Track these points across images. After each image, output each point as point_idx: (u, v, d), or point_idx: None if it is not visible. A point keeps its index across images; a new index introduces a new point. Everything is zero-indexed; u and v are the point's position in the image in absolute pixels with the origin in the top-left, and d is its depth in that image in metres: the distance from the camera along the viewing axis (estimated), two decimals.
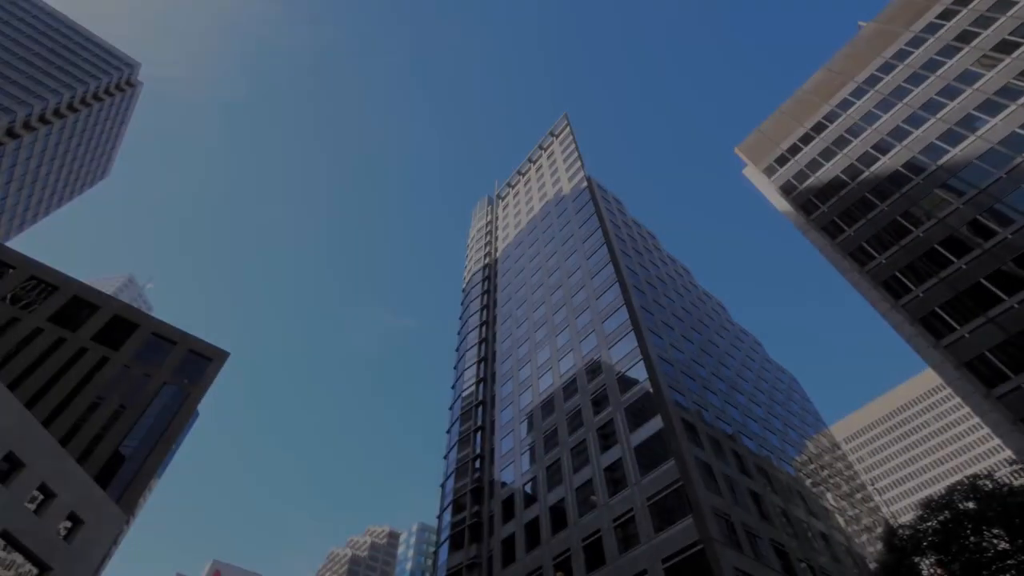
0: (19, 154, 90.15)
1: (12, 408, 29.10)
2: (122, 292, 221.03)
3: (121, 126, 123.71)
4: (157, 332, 51.83)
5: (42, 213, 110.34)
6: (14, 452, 28.13)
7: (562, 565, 39.22)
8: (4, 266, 47.93)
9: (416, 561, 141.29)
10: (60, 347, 45.33)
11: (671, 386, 43.79)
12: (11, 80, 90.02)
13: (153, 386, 47.50)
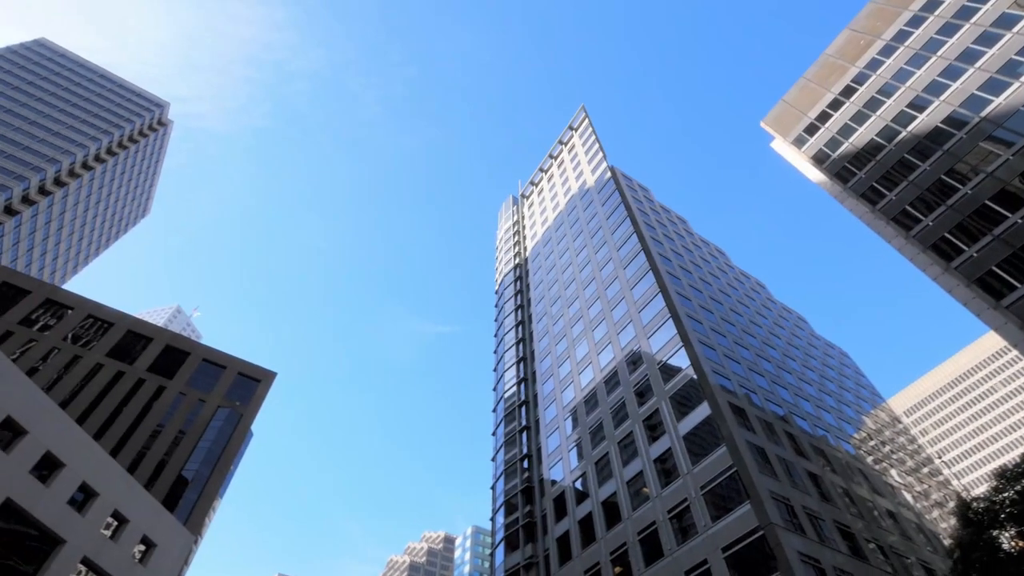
0: (67, 201, 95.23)
1: (82, 441, 30.70)
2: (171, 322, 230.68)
3: (156, 164, 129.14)
4: (207, 358, 53.85)
5: (93, 254, 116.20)
6: (87, 482, 29.67)
7: (619, 560, 38.86)
8: (63, 308, 50.63)
9: (473, 563, 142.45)
10: (120, 380, 47.59)
11: (715, 371, 42.86)
12: (53, 132, 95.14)
13: (208, 410, 49.36)
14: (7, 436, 26.68)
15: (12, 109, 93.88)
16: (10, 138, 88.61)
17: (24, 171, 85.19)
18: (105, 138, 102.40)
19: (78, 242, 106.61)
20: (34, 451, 27.42)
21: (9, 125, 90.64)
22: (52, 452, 28.26)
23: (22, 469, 26.57)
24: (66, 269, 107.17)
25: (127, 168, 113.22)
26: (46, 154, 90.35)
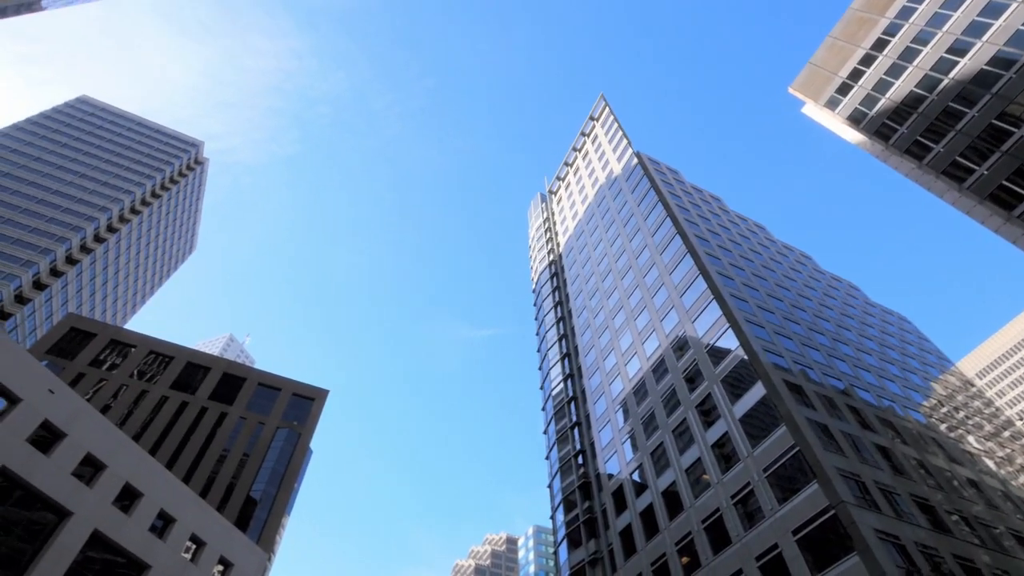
0: (120, 246, 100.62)
1: (156, 471, 32.34)
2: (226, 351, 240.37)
3: (197, 201, 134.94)
4: (262, 382, 55.85)
5: (148, 293, 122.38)
6: (165, 509, 31.23)
7: (686, 549, 38.15)
8: (127, 346, 53.48)
9: (537, 563, 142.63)
10: (184, 410, 49.90)
11: (766, 349, 41.56)
12: (102, 182, 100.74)
13: (268, 432, 51.16)
14: (89, 472, 28.35)
15: (63, 165, 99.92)
16: (65, 192, 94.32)
17: (80, 222, 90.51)
18: (148, 182, 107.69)
19: (134, 283, 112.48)
20: (114, 484, 29.03)
21: (62, 180, 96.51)
22: (131, 483, 29.86)
23: (106, 501, 28.18)
24: (126, 310, 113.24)
25: (171, 208, 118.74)
26: (97, 203, 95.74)
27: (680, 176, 79.22)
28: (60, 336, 51.60)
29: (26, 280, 78.67)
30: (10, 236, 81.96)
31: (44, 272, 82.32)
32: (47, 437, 26.93)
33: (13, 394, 25.85)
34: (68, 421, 27.91)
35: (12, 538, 24.24)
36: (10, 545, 24.02)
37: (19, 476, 24.74)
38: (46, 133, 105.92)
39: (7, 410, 25.52)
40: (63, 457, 27.02)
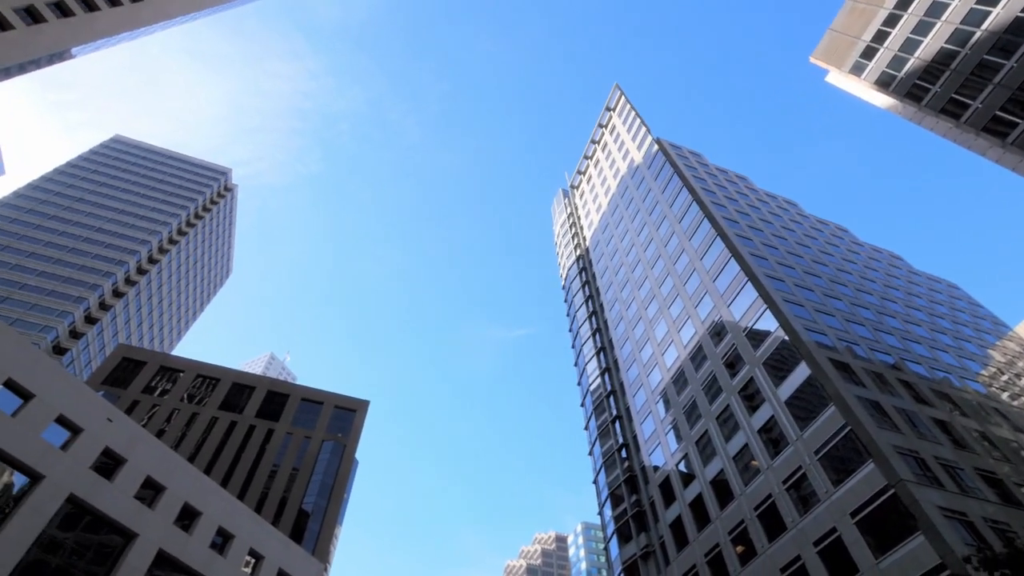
0: (162, 276, 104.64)
1: (212, 489, 33.46)
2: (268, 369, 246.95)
3: (230, 227, 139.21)
4: (305, 397, 57.20)
5: (191, 319, 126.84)
6: (223, 526, 32.28)
7: (740, 538, 37.34)
8: (175, 372, 55.52)
9: (589, 560, 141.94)
10: (234, 429, 51.49)
11: (808, 328, 40.35)
12: (140, 216, 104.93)
13: (314, 445, 52.35)
14: (150, 494, 29.53)
15: (104, 203, 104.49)
16: (107, 229, 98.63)
17: (123, 256, 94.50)
18: (183, 212, 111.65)
19: (177, 310, 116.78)
20: (174, 504, 30.16)
21: (104, 218, 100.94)
22: (189, 503, 30.97)
23: (167, 521, 29.30)
24: (172, 337, 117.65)
25: (206, 236, 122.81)
26: (138, 237, 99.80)
27: (703, 159, 77.68)
28: (113, 366, 53.93)
29: (78, 316, 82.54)
30: (61, 275, 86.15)
31: (94, 307, 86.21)
32: (109, 463, 28.16)
33: (75, 424, 27.12)
34: (127, 447, 29.12)
35: (84, 561, 25.44)
36: (83, 568, 25.21)
37: (86, 502, 25.95)
38: (85, 174, 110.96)
39: (71, 440, 26.80)
40: (125, 481, 28.21)
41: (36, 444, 25.08)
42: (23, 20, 43.04)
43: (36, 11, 44.24)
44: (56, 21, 45.89)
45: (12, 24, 41.84)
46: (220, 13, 76.95)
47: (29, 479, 24.66)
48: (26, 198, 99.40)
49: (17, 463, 24.32)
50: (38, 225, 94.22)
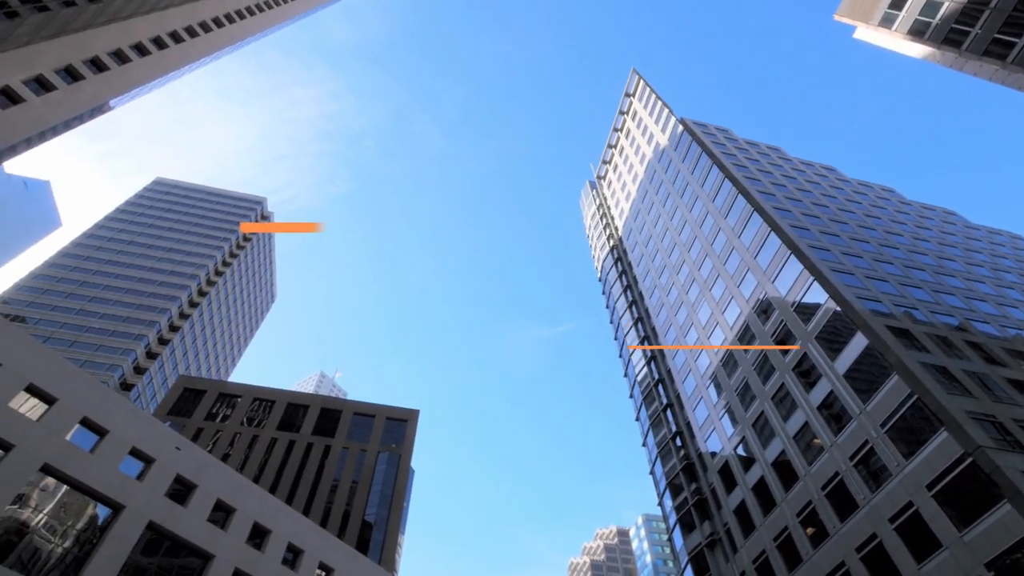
0: (212, 307, 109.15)
1: (278, 507, 34.65)
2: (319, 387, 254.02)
3: (271, 253, 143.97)
4: (358, 411, 58.54)
5: (243, 345, 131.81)
6: (292, 542, 33.38)
7: (809, 520, 36.08)
8: (233, 397, 57.75)
9: (653, 552, 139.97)
10: (293, 448, 53.16)
11: (860, 296, 38.65)
12: (187, 252, 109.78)
13: (370, 458, 53.51)
14: (221, 516, 30.82)
15: (152, 244, 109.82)
16: (158, 268, 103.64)
17: (175, 292, 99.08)
18: (225, 244, 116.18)
19: (229, 338, 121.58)
20: (245, 524, 31.38)
21: (154, 258, 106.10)
22: (259, 522, 32.15)
23: (240, 541, 30.50)
24: (227, 364, 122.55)
25: (248, 265, 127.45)
26: (186, 272, 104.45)
27: (731, 133, 75.56)
28: (176, 397, 56.58)
29: (140, 352, 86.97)
30: (121, 316, 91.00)
31: (153, 343, 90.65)
32: (181, 490, 29.54)
33: (147, 455, 28.58)
34: (196, 473, 30.47)
35: None
36: None
37: (164, 527, 27.29)
38: (133, 218, 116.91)
39: (145, 470, 28.24)
40: (198, 506, 29.53)
41: (114, 476, 26.53)
42: (63, 80, 45.69)
43: (74, 69, 46.87)
44: (93, 77, 48.50)
45: (55, 85, 44.46)
46: (241, 49, 79.76)
47: (111, 510, 26.11)
48: (83, 246, 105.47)
49: (99, 495, 25.79)
50: (96, 271, 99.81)
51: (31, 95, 42.25)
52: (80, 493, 25.38)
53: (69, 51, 46.51)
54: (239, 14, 75.41)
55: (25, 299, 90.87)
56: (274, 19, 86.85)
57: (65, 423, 25.79)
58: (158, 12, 58.24)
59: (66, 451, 25.16)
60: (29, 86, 42.53)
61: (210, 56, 69.24)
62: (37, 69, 43.17)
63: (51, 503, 24.53)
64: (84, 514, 25.61)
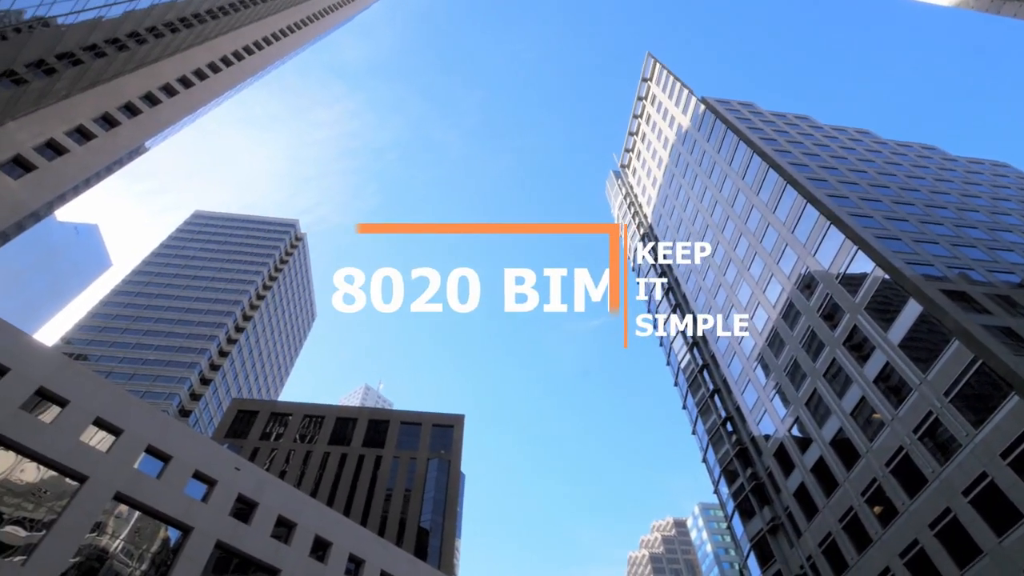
0: (256, 330, 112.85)
1: (337, 520, 35.52)
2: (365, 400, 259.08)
3: (307, 273, 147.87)
4: (404, 420, 59.49)
5: (290, 365, 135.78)
6: (353, 553, 34.14)
7: (875, 498, 34.68)
8: (285, 416, 59.51)
9: (713, 541, 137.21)
10: (345, 461, 54.39)
11: (910, 261, 36.94)
12: (228, 280, 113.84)
13: (421, 465, 54.26)
14: (284, 532, 31.78)
15: (197, 275, 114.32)
16: (203, 297, 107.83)
17: (221, 319, 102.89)
18: (263, 269, 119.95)
19: (276, 359, 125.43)
20: (307, 538, 32.27)
21: (199, 287, 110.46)
22: (320, 535, 33.01)
23: (303, 555, 31.39)
24: (276, 384, 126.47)
25: (287, 286, 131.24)
26: (230, 299, 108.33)
27: (755, 107, 73.44)
28: (231, 419, 58.68)
29: (194, 379, 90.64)
30: (173, 346, 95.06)
31: (205, 369, 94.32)
32: (244, 508, 30.60)
33: (210, 477, 29.72)
34: (256, 491, 31.51)
35: None
36: None
37: (232, 546, 28.33)
38: (176, 251, 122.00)
39: (208, 492, 29.39)
40: (261, 523, 30.54)
41: (181, 500, 27.70)
42: (101, 127, 48.04)
43: (110, 116, 49.22)
44: (128, 122, 50.82)
45: (94, 133, 46.79)
46: (263, 78, 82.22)
47: (181, 532, 27.27)
48: (133, 283, 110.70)
49: (169, 519, 26.97)
50: (147, 305, 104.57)
51: (74, 145, 44.56)
52: (151, 518, 26.60)
53: (104, 100, 48.89)
54: (256, 45, 77.77)
55: (86, 338, 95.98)
56: (290, 46, 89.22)
57: (132, 452, 27.07)
58: (181, 53, 60.62)
59: (135, 479, 26.40)
60: (71, 136, 44.88)
61: (234, 88, 71.62)
62: (77, 120, 45.51)
63: (126, 529, 25.79)
64: (157, 537, 26.84)
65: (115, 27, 46.15)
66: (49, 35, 38.56)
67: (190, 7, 57.05)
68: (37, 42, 37.87)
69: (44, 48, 39.40)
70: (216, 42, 67.35)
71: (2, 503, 22.55)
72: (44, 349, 27.77)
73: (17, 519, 22.79)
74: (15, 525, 22.65)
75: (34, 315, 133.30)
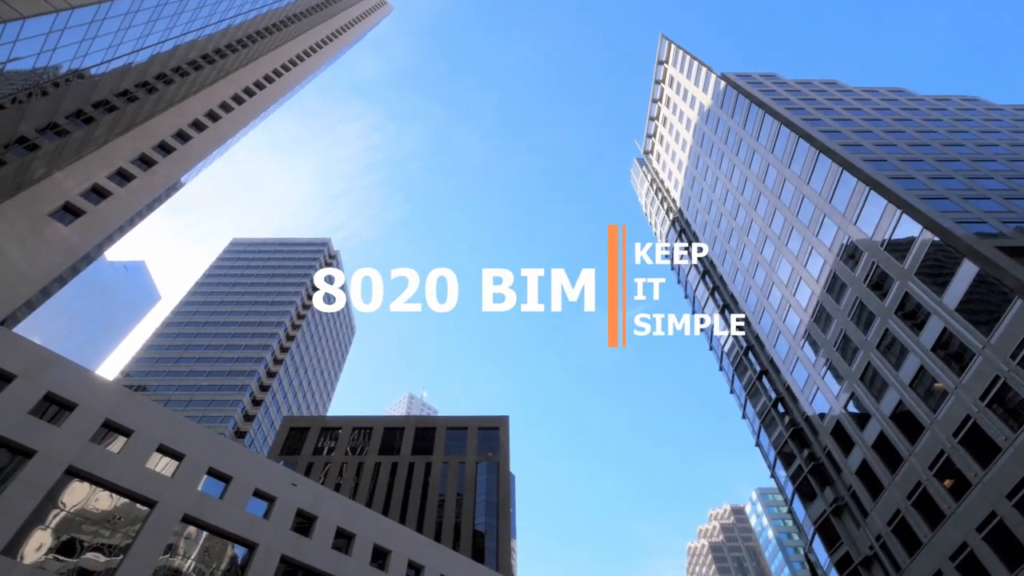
0: (300, 349, 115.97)
1: (393, 528, 36.13)
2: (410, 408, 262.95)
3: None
4: (450, 426, 60.10)
5: (335, 380, 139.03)
6: (412, 559, 34.67)
7: (944, 471, 33.06)
8: (334, 430, 60.92)
9: (774, 526, 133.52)
10: (396, 470, 55.29)
11: (960, 220, 35.09)
12: (269, 303, 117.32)
13: (470, 469, 54.68)
14: (343, 543, 32.52)
15: (240, 300, 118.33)
16: (247, 321, 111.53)
17: (266, 341, 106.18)
18: (301, 289, 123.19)
19: (320, 375, 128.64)
20: (366, 548, 32.94)
21: (243, 312, 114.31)
22: (378, 544, 33.65)
23: (364, 564, 32.05)
24: (323, 400, 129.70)
25: None
26: (273, 321, 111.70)
27: (779, 77, 71.16)
28: (284, 437, 60.46)
29: (246, 401, 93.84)
30: (224, 371, 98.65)
31: (256, 391, 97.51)
32: (304, 522, 31.48)
33: (269, 495, 30.69)
34: (314, 505, 32.37)
35: None
36: None
37: (295, 559, 29.17)
38: (218, 279, 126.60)
39: (269, 509, 30.35)
40: (321, 535, 31.35)
41: (244, 518, 28.69)
42: (140, 168, 50.32)
43: (147, 156, 51.51)
44: (164, 160, 53.08)
45: (133, 174, 49.05)
46: (285, 103, 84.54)
47: (247, 549, 28.24)
48: (181, 314, 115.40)
49: (235, 537, 27.97)
50: (196, 334, 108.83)
51: (116, 187, 46.82)
52: (218, 537, 27.65)
53: (139, 141, 51.19)
54: (276, 73, 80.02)
55: (143, 369, 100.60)
56: (307, 70, 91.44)
57: (195, 475, 28.21)
58: (207, 89, 62.93)
59: (200, 500, 27.50)
60: (113, 180, 47.16)
61: (258, 116, 73.88)
62: (117, 163, 47.80)
63: (196, 549, 26.88)
64: (225, 556, 27.88)
65: (143, 71, 48.26)
66: (84, 86, 40.63)
67: (210, 44, 59.16)
68: (74, 94, 39.95)
69: (81, 98, 41.53)
70: (237, 74, 69.60)
71: (81, 531, 23.83)
72: (107, 383, 29.23)
73: (96, 545, 24.04)
74: (95, 551, 23.90)
75: (94, 351, 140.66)
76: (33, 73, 33.99)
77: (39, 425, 24.36)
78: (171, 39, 48.76)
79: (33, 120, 37.34)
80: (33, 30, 30.69)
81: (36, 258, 38.58)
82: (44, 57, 33.58)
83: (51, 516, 23.25)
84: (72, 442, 24.73)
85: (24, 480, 22.66)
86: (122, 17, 38.59)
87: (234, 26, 62.05)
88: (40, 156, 39.14)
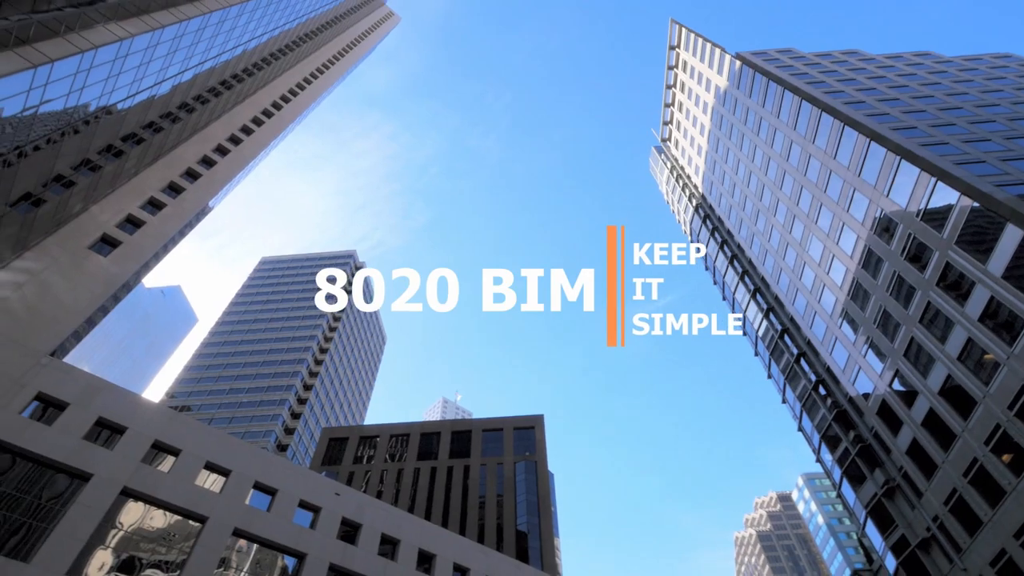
0: (334, 361, 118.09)
1: (437, 532, 36.47)
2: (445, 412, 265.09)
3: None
4: (485, 428, 60.35)
5: (370, 389, 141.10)
6: (457, 562, 34.93)
7: (1001, 445, 31.65)
8: (372, 438, 61.83)
9: (824, 511, 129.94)
10: (435, 474, 55.78)
11: (999, 184, 33.59)
12: (300, 317, 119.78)
13: (508, 469, 54.79)
14: (389, 549, 32.97)
15: (273, 317, 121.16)
16: (281, 336, 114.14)
17: (300, 355, 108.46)
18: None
19: (356, 385, 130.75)
20: (411, 553, 33.33)
21: (276, 328, 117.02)
22: (423, 548, 34.01)
23: (410, 569, 32.43)
24: (359, 410, 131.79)
25: (356, 314, 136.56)
26: (305, 335, 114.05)
27: (796, 52, 69.27)
28: (325, 448, 61.65)
29: (286, 415, 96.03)
30: (262, 386, 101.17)
31: (294, 404, 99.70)
32: (349, 531, 32.03)
33: (314, 505, 31.34)
34: (358, 513, 32.90)
35: None
36: None
37: (343, 567, 29.70)
38: (252, 297, 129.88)
39: (315, 519, 30.98)
40: (366, 543, 31.84)
41: (291, 529, 29.36)
42: (169, 196, 52.02)
43: (176, 184, 53.22)
44: (191, 187, 54.76)
45: (164, 202, 50.73)
46: (302, 121, 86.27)
47: (296, 559, 28.88)
48: (218, 334, 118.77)
49: (284, 548, 28.64)
50: (233, 352, 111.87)
51: (149, 216, 48.49)
52: (268, 549, 28.35)
53: (168, 170, 52.92)
54: (291, 92, 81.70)
55: (186, 390, 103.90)
56: (323, 86, 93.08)
57: (242, 490, 28.99)
58: (227, 114, 64.66)
59: (249, 514, 28.25)
60: (145, 209, 48.86)
61: (278, 136, 75.57)
62: (148, 193, 49.49)
63: (247, 561, 27.62)
64: (276, 567, 28.57)
65: (166, 102, 49.87)
66: (113, 121, 42.20)
67: (227, 70, 60.75)
68: (104, 129, 41.52)
69: (110, 133, 43.14)
70: (255, 97, 71.31)
71: (139, 549, 24.74)
72: (153, 406, 30.29)
73: (154, 562, 24.93)
74: (153, 568, 24.78)
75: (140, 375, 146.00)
76: (64, 113, 35.46)
77: (93, 449, 25.40)
78: (190, 68, 50.26)
79: (67, 158, 38.95)
80: (62, 72, 32.01)
81: (80, 290, 40.23)
82: (74, 97, 35.00)
83: (110, 536, 24.20)
84: (125, 464, 25.71)
85: (83, 503, 23.65)
86: (143, 52, 39.97)
87: (248, 51, 63.61)
88: (76, 192, 40.81)
